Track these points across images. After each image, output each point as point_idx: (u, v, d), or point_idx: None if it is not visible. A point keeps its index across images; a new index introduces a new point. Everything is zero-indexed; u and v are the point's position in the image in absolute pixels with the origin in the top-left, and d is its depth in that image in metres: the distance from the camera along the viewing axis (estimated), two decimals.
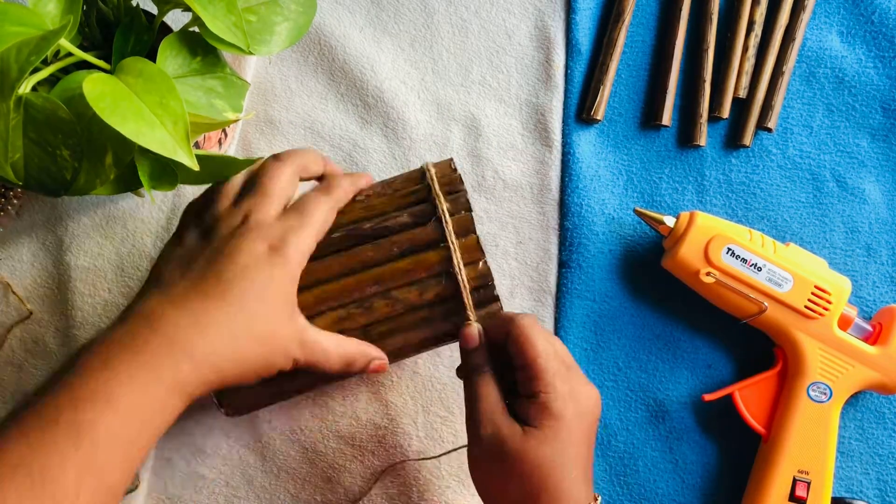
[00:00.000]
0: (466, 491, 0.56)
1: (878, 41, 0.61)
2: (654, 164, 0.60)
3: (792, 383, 0.53)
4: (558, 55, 0.61)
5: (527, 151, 0.60)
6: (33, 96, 0.40)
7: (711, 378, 0.57)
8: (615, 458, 0.56)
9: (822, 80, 0.61)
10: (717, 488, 0.56)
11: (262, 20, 0.47)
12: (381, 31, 0.61)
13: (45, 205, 0.58)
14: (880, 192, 0.59)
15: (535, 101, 0.60)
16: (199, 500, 0.55)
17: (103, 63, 0.45)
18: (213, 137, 0.55)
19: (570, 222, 0.58)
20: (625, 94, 0.61)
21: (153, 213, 0.58)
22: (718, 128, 0.60)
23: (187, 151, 0.41)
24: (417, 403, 0.56)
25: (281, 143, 0.60)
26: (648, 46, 0.61)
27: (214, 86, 0.47)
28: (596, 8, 0.62)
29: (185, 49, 0.46)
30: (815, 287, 0.53)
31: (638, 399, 0.57)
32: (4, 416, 0.38)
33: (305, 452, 0.56)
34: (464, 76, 0.61)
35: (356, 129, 0.60)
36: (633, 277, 0.58)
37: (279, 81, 0.60)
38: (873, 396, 0.56)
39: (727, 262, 0.53)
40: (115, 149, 0.43)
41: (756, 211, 0.59)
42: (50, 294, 0.57)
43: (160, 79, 0.42)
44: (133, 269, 0.57)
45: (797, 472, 0.52)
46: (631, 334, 0.57)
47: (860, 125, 0.60)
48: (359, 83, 0.60)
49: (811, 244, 0.58)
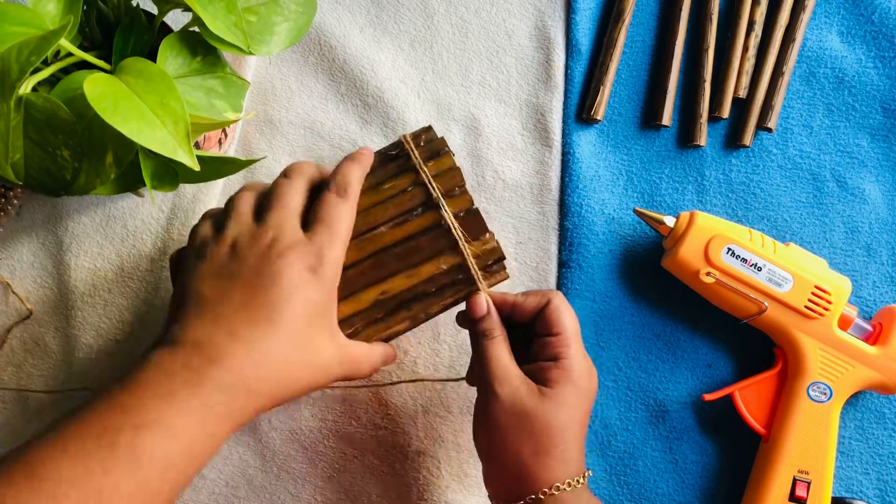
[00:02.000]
0: (466, 491, 0.56)
1: (878, 41, 0.61)
2: (654, 164, 0.60)
3: (792, 383, 0.53)
4: (558, 55, 0.61)
5: (527, 151, 0.60)
6: (34, 96, 0.40)
7: (711, 378, 0.57)
8: (615, 458, 0.56)
9: (822, 80, 0.61)
10: (717, 488, 0.56)
11: (262, 20, 0.47)
12: (381, 31, 0.61)
13: (45, 205, 0.58)
14: (880, 192, 0.59)
15: (535, 101, 0.60)
16: (199, 500, 0.55)
17: (103, 63, 0.45)
18: (213, 137, 0.55)
19: (570, 222, 0.58)
20: (625, 94, 0.61)
21: (153, 213, 0.58)
22: (718, 128, 0.60)
23: (188, 151, 0.41)
24: (417, 403, 0.56)
25: (281, 143, 0.60)
26: (648, 46, 0.61)
27: (214, 86, 0.47)
28: (596, 8, 0.62)
29: (185, 49, 0.46)
30: (815, 287, 0.53)
31: (638, 399, 0.57)
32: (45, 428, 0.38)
33: (305, 452, 0.56)
34: (464, 76, 0.61)
35: (356, 129, 0.60)
36: (633, 277, 0.58)
37: (279, 81, 0.60)
38: (873, 396, 0.56)
39: (727, 262, 0.53)
40: (115, 149, 0.43)
41: (756, 211, 0.59)
42: (50, 294, 0.57)
43: (160, 79, 0.42)
44: (133, 269, 0.57)
45: (797, 472, 0.52)
46: (631, 334, 0.57)
47: (860, 125, 0.60)
48: (359, 83, 0.60)
49: (811, 244, 0.58)
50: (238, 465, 0.56)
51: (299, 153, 0.59)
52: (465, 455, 0.56)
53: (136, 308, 0.57)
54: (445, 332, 0.57)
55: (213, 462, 0.55)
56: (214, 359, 0.40)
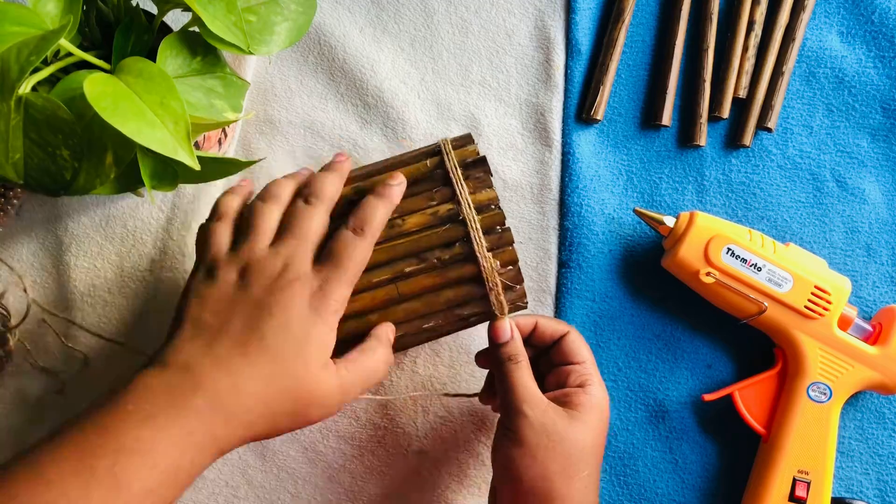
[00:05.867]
0: (466, 491, 0.56)
1: (878, 41, 0.61)
2: (654, 164, 0.60)
3: (792, 383, 0.53)
4: (558, 55, 0.61)
5: (527, 151, 0.60)
6: (33, 96, 0.40)
7: (711, 378, 0.57)
8: (615, 458, 0.56)
9: (822, 80, 0.61)
10: (717, 488, 0.56)
11: (262, 20, 0.47)
12: (381, 31, 0.61)
13: (45, 205, 0.58)
14: (880, 192, 0.59)
15: (535, 101, 0.60)
16: (199, 500, 0.55)
17: (103, 63, 0.45)
18: (213, 137, 0.55)
19: (570, 222, 0.58)
20: (625, 94, 0.61)
21: (153, 213, 0.58)
22: (718, 128, 0.60)
23: (188, 151, 0.41)
24: (417, 403, 0.56)
25: (281, 142, 0.60)
26: (648, 46, 0.61)
27: (214, 86, 0.47)
28: (596, 8, 0.62)
29: (185, 49, 0.46)
30: (815, 287, 0.53)
31: (638, 399, 0.57)
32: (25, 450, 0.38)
33: (305, 452, 0.56)
34: (464, 76, 0.61)
35: (356, 129, 0.60)
36: (633, 277, 0.58)
37: (279, 81, 0.60)
38: (873, 396, 0.56)
39: (727, 262, 0.53)
40: (115, 148, 0.43)
41: (756, 211, 0.59)
42: (50, 294, 0.57)
43: (161, 79, 0.42)
44: (133, 269, 0.57)
45: (797, 472, 0.52)
46: (631, 334, 0.57)
47: (860, 125, 0.60)
48: (359, 83, 0.60)
49: (811, 244, 0.58)
50: (238, 465, 0.56)
51: (299, 153, 0.59)
52: (465, 455, 0.56)
53: (136, 308, 0.57)
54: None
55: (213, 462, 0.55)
56: (197, 385, 0.39)
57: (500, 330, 0.48)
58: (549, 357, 0.50)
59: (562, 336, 0.49)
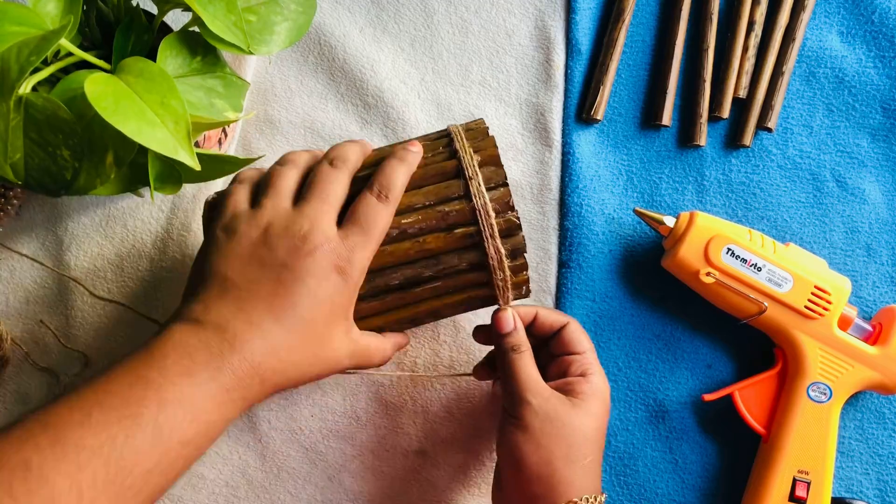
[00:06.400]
0: (466, 491, 0.56)
1: (878, 41, 0.61)
2: (654, 164, 0.60)
3: (792, 383, 0.53)
4: (558, 55, 0.61)
5: (527, 151, 0.60)
6: (34, 96, 0.40)
7: (711, 378, 0.57)
8: (615, 458, 0.56)
9: (822, 80, 0.61)
10: (717, 488, 0.56)
11: (262, 20, 0.47)
12: (381, 31, 0.61)
13: (45, 205, 0.58)
14: (880, 192, 0.59)
15: (535, 101, 0.60)
16: (199, 500, 0.55)
17: (103, 63, 0.45)
18: (213, 137, 0.55)
19: (570, 222, 0.58)
20: (625, 94, 0.61)
21: (153, 213, 0.58)
22: (718, 128, 0.60)
23: (189, 151, 0.41)
24: (417, 403, 0.56)
25: (281, 142, 0.60)
26: (648, 46, 0.61)
27: (214, 85, 0.47)
28: (596, 8, 0.62)
29: (185, 49, 0.46)
30: (815, 287, 0.53)
31: (638, 399, 0.57)
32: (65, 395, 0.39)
33: (305, 452, 0.56)
34: (464, 76, 0.61)
35: (356, 129, 0.60)
36: (633, 277, 0.58)
37: (279, 81, 0.60)
38: (873, 396, 0.56)
39: (727, 262, 0.53)
40: (115, 149, 0.43)
41: (756, 211, 0.59)
42: (50, 294, 0.57)
43: (161, 78, 0.42)
44: (133, 269, 0.57)
45: (797, 472, 0.52)
46: (631, 334, 0.57)
47: (860, 125, 0.60)
48: (359, 83, 0.60)
49: (811, 244, 0.58)
50: (238, 465, 0.56)
51: None
52: (465, 455, 0.56)
53: (136, 308, 0.57)
54: (445, 332, 0.57)
55: (213, 462, 0.55)
56: (234, 345, 0.41)
57: (503, 320, 0.48)
58: (550, 348, 0.50)
59: (562, 327, 0.49)
